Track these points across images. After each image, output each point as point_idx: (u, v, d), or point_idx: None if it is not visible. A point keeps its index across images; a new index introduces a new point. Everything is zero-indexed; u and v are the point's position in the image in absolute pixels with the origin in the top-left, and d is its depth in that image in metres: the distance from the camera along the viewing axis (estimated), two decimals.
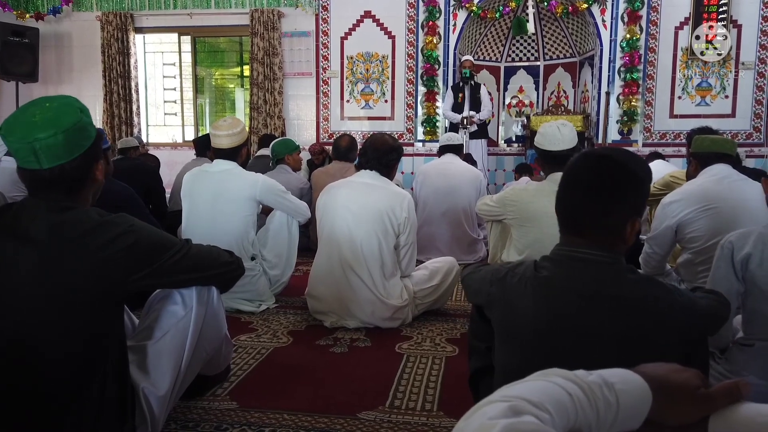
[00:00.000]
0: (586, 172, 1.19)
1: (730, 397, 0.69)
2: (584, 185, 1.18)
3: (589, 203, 1.18)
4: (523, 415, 0.55)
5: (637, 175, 1.18)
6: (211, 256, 1.60)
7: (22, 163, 1.33)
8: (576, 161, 1.23)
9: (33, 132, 1.29)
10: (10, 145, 1.32)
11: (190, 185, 2.98)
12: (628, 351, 1.15)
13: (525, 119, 7.07)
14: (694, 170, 2.66)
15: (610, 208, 1.16)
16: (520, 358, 1.24)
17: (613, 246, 1.19)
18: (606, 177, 1.16)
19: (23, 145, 1.30)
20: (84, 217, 1.35)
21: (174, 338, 1.57)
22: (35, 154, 1.30)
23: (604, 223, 1.17)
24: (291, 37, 6.85)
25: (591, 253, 1.19)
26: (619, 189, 1.16)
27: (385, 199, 2.65)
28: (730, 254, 1.69)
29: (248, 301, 2.94)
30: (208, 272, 1.59)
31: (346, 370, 2.22)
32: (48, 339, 1.30)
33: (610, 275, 1.18)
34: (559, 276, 1.21)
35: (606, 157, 1.19)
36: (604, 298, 1.16)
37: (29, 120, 1.31)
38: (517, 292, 1.24)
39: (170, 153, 7.09)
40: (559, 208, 1.24)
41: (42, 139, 1.29)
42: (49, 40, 7.16)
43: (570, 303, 1.18)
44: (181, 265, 1.47)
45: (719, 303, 1.28)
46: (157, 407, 1.52)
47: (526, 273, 1.25)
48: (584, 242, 1.19)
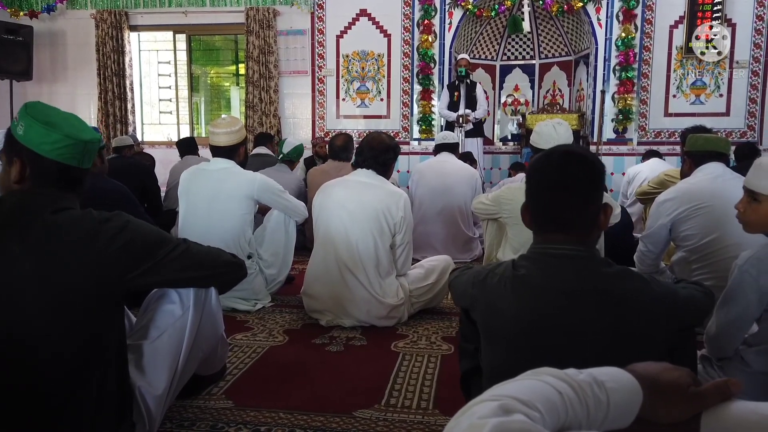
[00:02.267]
0: (559, 170, 1.22)
1: (722, 395, 0.70)
2: (564, 182, 1.21)
3: (572, 198, 1.21)
4: (514, 414, 0.55)
5: (599, 165, 1.25)
6: (211, 255, 1.58)
7: (65, 159, 1.36)
8: (541, 162, 1.26)
9: (85, 133, 1.39)
10: (60, 140, 1.33)
11: (188, 183, 2.98)
12: (610, 344, 1.16)
13: (520, 118, 7.08)
14: (688, 169, 2.68)
15: (590, 199, 1.22)
16: (504, 357, 1.24)
17: (590, 236, 1.23)
18: (580, 171, 1.21)
19: (74, 142, 1.35)
20: (81, 216, 1.36)
21: (171, 338, 1.57)
22: (84, 154, 1.39)
23: (586, 214, 1.21)
24: (286, 35, 6.84)
25: (567, 248, 1.21)
26: (593, 180, 1.22)
27: (381, 198, 2.65)
28: (754, 281, 1.63)
29: (244, 299, 2.94)
30: (208, 271, 1.56)
31: (342, 369, 2.22)
32: (46, 337, 1.30)
33: (587, 269, 1.20)
34: (537, 274, 1.22)
35: (570, 154, 1.24)
36: (583, 292, 1.18)
37: (75, 121, 1.41)
38: (497, 293, 1.25)
39: (165, 151, 7.06)
40: (537, 208, 1.26)
41: (95, 142, 1.41)
42: (44, 38, 7.13)
43: (550, 300, 1.19)
44: (179, 263, 1.47)
45: (701, 293, 1.29)
46: (153, 406, 1.52)
47: (505, 273, 1.26)
48: (564, 238, 1.22)
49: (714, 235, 2.43)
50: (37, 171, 1.35)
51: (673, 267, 2.69)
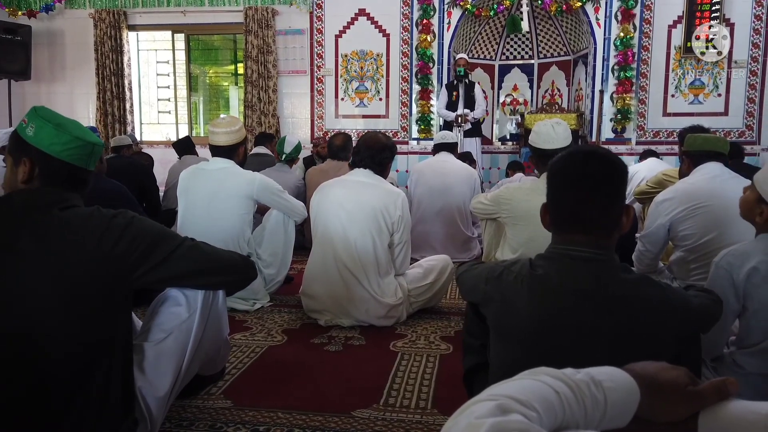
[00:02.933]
0: (581, 170, 1.22)
1: (719, 394, 0.70)
2: (587, 182, 1.20)
3: (596, 198, 1.20)
4: (511, 414, 0.55)
5: (622, 165, 1.24)
6: (218, 251, 1.58)
7: (73, 160, 1.39)
8: (563, 162, 1.26)
9: (91, 136, 1.43)
10: (70, 141, 1.37)
11: (187, 183, 2.98)
12: (622, 349, 1.16)
13: (519, 117, 7.08)
14: (686, 169, 2.68)
15: (614, 199, 1.21)
16: (516, 355, 1.24)
17: (611, 239, 1.22)
18: (603, 171, 1.20)
19: (83, 143, 1.40)
20: (90, 213, 1.37)
21: (176, 340, 1.57)
22: (92, 156, 1.44)
23: (610, 214, 1.21)
24: (285, 35, 6.84)
25: (587, 251, 1.20)
26: (616, 180, 1.21)
27: (379, 198, 2.66)
28: (728, 274, 1.65)
29: (243, 299, 2.93)
30: (215, 264, 1.56)
31: (341, 369, 2.22)
32: (52, 334, 1.30)
33: (605, 273, 1.19)
34: (555, 274, 1.22)
35: (592, 154, 1.24)
36: (600, 296, 1.17)
37: (80, 125, 1.45)
38: (512, 291, 1.25)
39: (164, 151, 7.05)
40: (558, 208, 1.25)
41: (99, 145, 1.45)
42: (42, 38, 7.12)
43: (566, 301, 1.19)
44: (188, 258, 1.47)
45: (712, 301, 1.30)
46: (155, 408, 1.52)
47: (522, 271, 1.26)
48: (585, 239, 1.21)
49: (712, 234, 2.44)
50: (47, 171, 1.38)
51: (671, 267, 2.69)
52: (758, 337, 1.66)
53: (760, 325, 1.65)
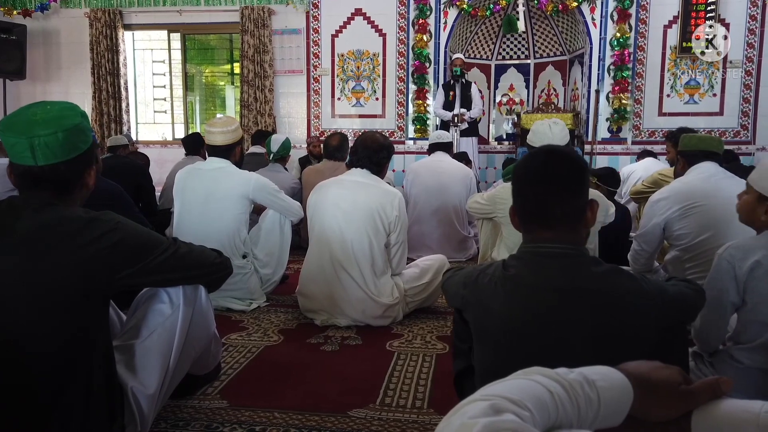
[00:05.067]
0: (542, 166, 1.25)
1: (712, 393, 0.70)
2: (549, 178, 1.23)
3: (559, 192, 1.22)
4: (504, 414, 0.56)
5: (581, 161, 1.28)
6: (198, 256, 1.60)
7: (16, 158, 1.34)
8: (525, 161, 1.29)
9: (33, 128, 1.31)
10: (6, 139, 1.33)
11: (183, 183, 2.97)
12: (601, 343, 1.16)
13: (515, 117, 7.09)
14: (681, 168, 2.69)
15: (575, 192, 1.23)
16: (496, 356, 1.25)
17: (578, 233, 1.24)
18: (562, 165, 1.23)
19: (21, 140, 1.31)
20: (69, 215, 1.35)
21: (161, 337, 1.57)
22: (32, 150, 1.31)
23: (574, 208, 1.22)
24: (281, 34, 6.83)
25: (555, 246, 1.22)
26: (576, 173, 1.24)
27: (376, 198, 2.66)
28: (730, 267, 1.67)
29: (239, 299, 2.93)
30: (196, 272, 1.60)
31: (337, 368, 2.22)
32: (32, 335, 1.30)
33: (576, 268, 1.20)
34: (527, 273, 1.23)
35: (551, 152, 1.27)
36: (573, 291, 1.18)
37: (30, 118, 1.34)
38: (488, 293, 1.26)
39: (160, 151, 7.05)
40: (525, 205, 1.27)
41: (42, 135, 1.31)
42: (37, 37, 7.09)
43: (540, 299, 1.19)
44: (167, 264, 1.48)
45: (692, 290, 1.30)
46: (146, 406, 1.51)
47: (495, 273, 1.27)
48: (552, 235, 1.22)
49: (707, 233, 2.45)
50: (15, 175, 1.38)
51: (666, 266, 2.70)
52: (757, 332, 1.67)
53: (759, 319, 1.66)
